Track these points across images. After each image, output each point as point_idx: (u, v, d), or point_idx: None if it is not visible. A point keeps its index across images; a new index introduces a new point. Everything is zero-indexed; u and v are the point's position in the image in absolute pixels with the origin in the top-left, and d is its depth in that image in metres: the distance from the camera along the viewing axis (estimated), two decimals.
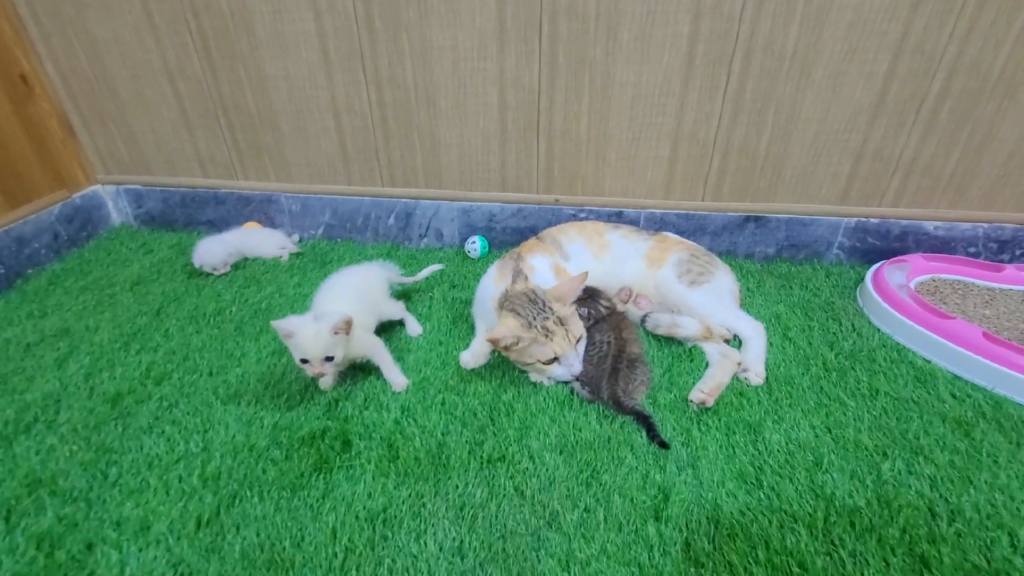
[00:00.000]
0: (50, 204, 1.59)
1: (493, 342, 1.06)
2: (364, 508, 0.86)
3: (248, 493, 0.89)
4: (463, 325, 1.32)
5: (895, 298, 1.26)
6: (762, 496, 0.87)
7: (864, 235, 1.50)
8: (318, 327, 0.98)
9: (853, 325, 1.29)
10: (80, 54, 1.52)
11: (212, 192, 1.70)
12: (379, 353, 1.12)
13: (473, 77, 1.40)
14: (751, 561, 0.77)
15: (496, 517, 0.84)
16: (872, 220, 1.48)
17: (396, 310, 1.28)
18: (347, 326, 1.01)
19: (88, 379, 1.14)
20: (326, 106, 1.50)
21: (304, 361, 0.99)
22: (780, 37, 1.26)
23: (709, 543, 0.80)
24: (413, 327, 1.29)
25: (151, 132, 1.62)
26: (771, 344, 1.21)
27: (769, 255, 1.57)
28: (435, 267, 1.43)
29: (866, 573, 0.76)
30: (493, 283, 1.24)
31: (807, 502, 0.86)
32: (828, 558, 0.78)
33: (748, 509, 0.85)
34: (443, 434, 1.00)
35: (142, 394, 1.10)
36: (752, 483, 0.89)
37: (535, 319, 1.07)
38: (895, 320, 1.24)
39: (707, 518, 0.84)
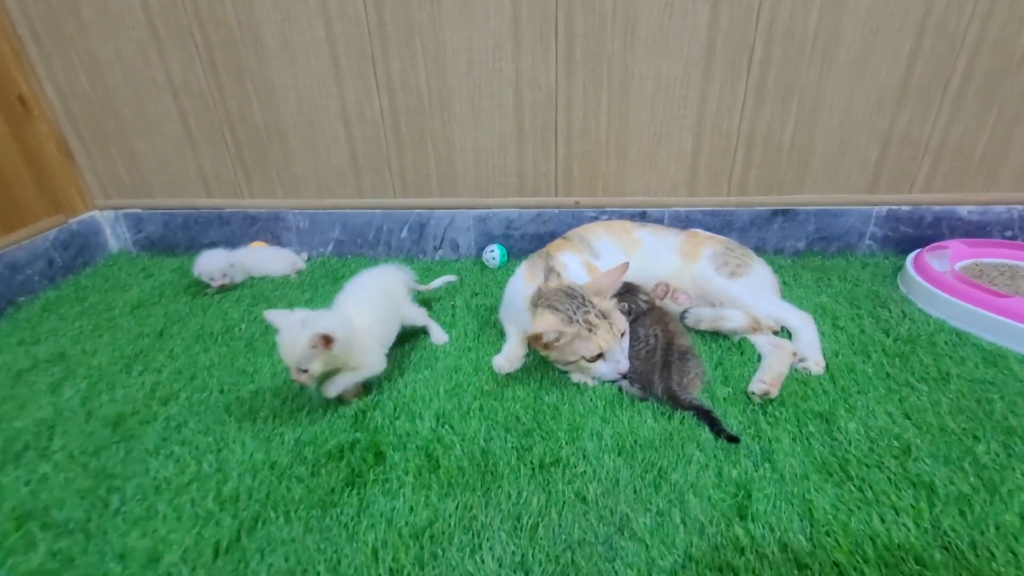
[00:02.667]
0: (45, 229, 1.51)
1: (534, 339, 0.98)
2: (407, 524, 0.75)
3: (272, 514, 0.78)
4: (491, 331, 1.23)
5: (946, 282, 1.20)
6: (852, 488, 0.78)
7: (896, 223, 1.46)
8: (296, 335, 0.89)
9: (903, 312, 1.22)
10: (81, 74, 1.47)
11: (216, 212, 1.64)
12: (356, 375, 0.97)
13: (488, 79, 1.37)
14: (859, 560, 0.67)
15: (559, 526, 0.74)
16: (904, 208, 1.44)
17: (419, 315, 1.19)
18: (324, 342, 0.89)
19: (85, 403, 1.03)
20: (336, 115, 1.46)
21: None
22: (800, 22, 1.25)
23: (807, 541, 0.70)
24: (438, 335, 1.20)
25: (153, 152, 1.57)
26: (822, 334, 1.14)
27: (799, 249, 1.52)
28: (449, 278, 1.34)
29: (994, 566, 0.66)
30: (523, 282, 1.16)
31: (905, 492, 0.76)
32: (946, 552, 0.68)
33: (841, 502, 0.75)
34: (486, 440, 0.90)
35: (146, 415, 0.99)
36: (838, 475, 0.80)
37: (575, 313, 0.99)
38: (948, 304, 1.18)
39: (798, 514, 0.74)
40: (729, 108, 1.35)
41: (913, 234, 1.46)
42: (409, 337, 1.20)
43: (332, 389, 0.95)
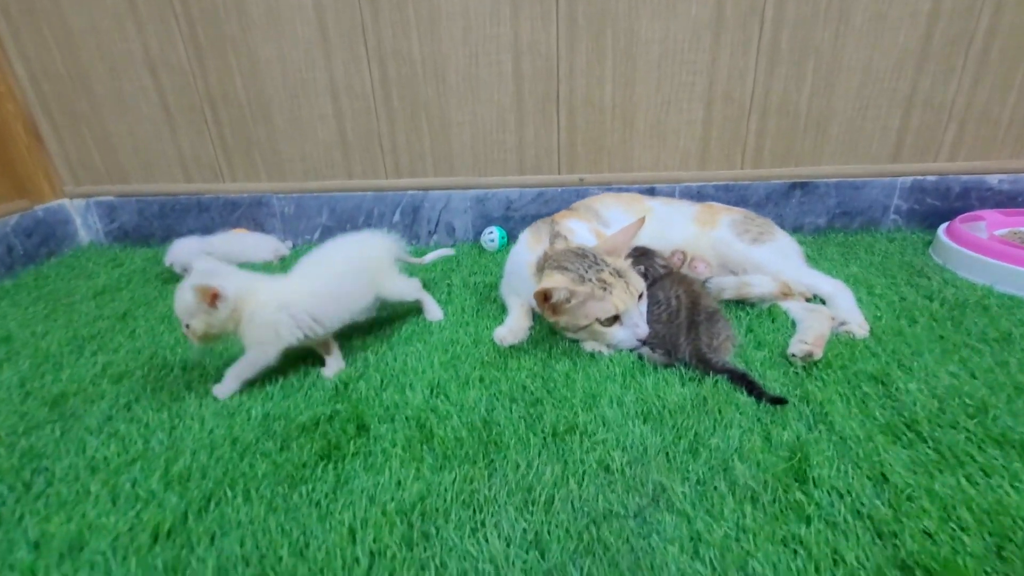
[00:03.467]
0: (5, 214, 1.39)
1: (540, 299, 0.86)
2: (393, 500, 0.61)
3: (228, 493, 0.64)
4: (491, 307, 1.11)
5: (989, 246, 1.10)
6: (928, 450, 0.65)
7: (922, 195, 1.36)
8: (184, 284, 0.78)
9: (944, 279, 1.11)
10: (53, 49, 1.39)
11: (195, 198, 1.53)
12: (246, 361, 0.83)
13: (485, 45, 1.30)
14: (956, 528, 0.54)
15: (580, 498, 0.60)
16: (929, 178, 1.35)
17: (408, 289, 1.05)
18: (209, 298, 0.77)
19: (24, 384, 0.89)
20: (324, 88, 1.37)
21: None
22: None
23: (886, 507, 0.57)
24: (433, 311, 1.07)
25: (128, 133, 1.47)
26: (859, 301, 1.02)
27: (820, 226, 1.42)
28: (445, 251, 1.21)
29: None
30: (527, 248, 1.05)
31: (992, 451, 0.64)
32: None
33: (918, 464, 0.62)
34: (488, 410, 0.77)
35: (93, 394, 0.86)
36: (907, 436, 0.67)
37: (587, 272, 0.87)
38: (995, 268, 1.07)
39: (868, 478, 0.61)
40: (741, 73, 1.28)
41: (941, 207, 1.36)
42: (401, 313, 1.08)
43: (220, 390, 0.83)
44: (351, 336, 1.00)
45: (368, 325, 1.04)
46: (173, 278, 1.32)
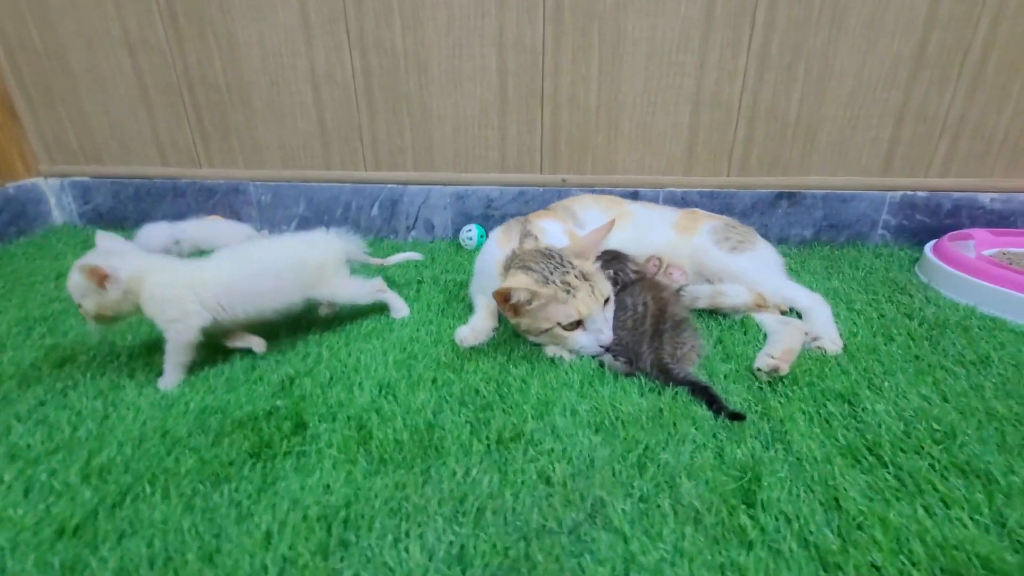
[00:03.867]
0: None
1: (500, 299, 0.83)
2: (317, 504, 0.58)
3: (147, 489, 0.60)
4: (458, 305, 1.08)
5: (975, 266, 1.06)
6: (887, 476, 0.61)
7: (911, 211, 1.33)
8: (75, 263, 0.76)
9: (926, 298, 1.07)
10: (30, 24, 1.36)
11: (171, 183, 1.50)
12: (169, 345, 0.80)
13: (469, 37, 1.26)
14: (906, 562, 0.51)
15: (513, 511, 0.57)
16: (920, 193, 1.31)
17: (360, 292, 0.99)
18: (96, 277, 0.75)
19: None
20: (304, 76, 1.34)
21: None
22: None
23: (835, 536, 0.53)
24: (398, 307, 1.04)
25: (105, 113, 1.44)
26: (837, 316, 0.99)
27: (806, 238, 1.38)
28: (412, 255, 1.15)
29: None
30: (496, 246, 1.02)
31: (956, 481, 0.60)
32: (1019, 555, 0.51)
33: (875, 491, 0.59)
34: (434, 413, 0.73)
35: (31, 377, 0.83)
36: (868, 460, 0.64)
37: (552, 273, 0.84)
38: (979, 289, 1.04)
39: (820, 503, 0.57)
40: (730, 76, 1.24)
41: (930, 223, 1.33)
42: (364, 308, 1.05)
43: (163, 381, 0.81)
44: (309, 329, 0.97)
45: (330, 320, 1.02)
46: None
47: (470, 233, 1.40)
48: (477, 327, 0.94)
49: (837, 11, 1.16)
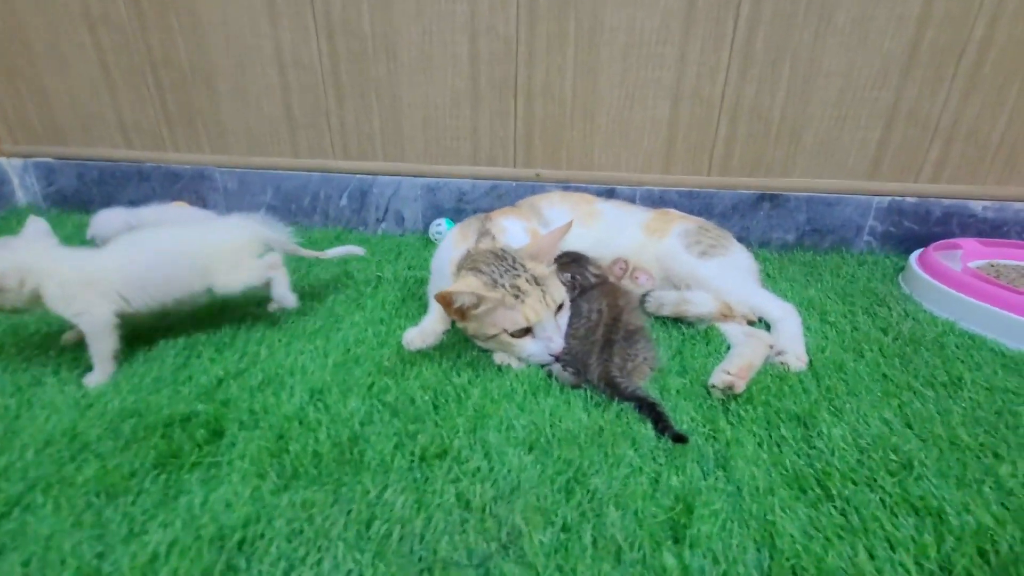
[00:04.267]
0: None
1: (443, 300, 0.78)
2: (214, 523, 0.54)
3: (39, 499, 0.57)
4: (414, 304, 1.03)
5: (958, 279, 1.01)
6: (832, 511, 0.57)
7: (899, 218, 1.27)
8: None
9: (905, 311, 1.02)
10: None
11: (135, 167, 1.45)
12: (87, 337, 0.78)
13: (440, 22, 1.20)
14: None
15: (423, 538, 0.53)
16: (908, 199, 1.25)
17: (252, 276, 0.89)
18: None
19: None
20: (270, 59, 1.29)
21: None
22: None
23: None
24: (282, 294, 0.91)
25: (66, 92, 1.39)
26: (807, 328, 0.94)
27: (788, 242, 1.33)
28: (355, 249, 1.06)
29: None
30: (452, 245, 0.98)
31: (904, 520, 0.56)
32: None
33: (816, 529, 0.55)
34: (362, 424, 0.69)
35: None
36: (814, 491, 0.59)
37: (502, 277, 0.79)
38: (961, 303, 0.98)
39: (754, 541, 0.53)
40: (712, 71, 1.18)
41: (919, 231, 1.27)
42: (307, 299, 1.01)
43: (91, 378, 0.78)
44: (252, 326, 0.93)
45: (277, 317, 0.97)
46: None
47: (440, 227, 1.36)
48: (426, 329, 0.90)
49: (825, 6, 1.10)
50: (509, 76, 1.24)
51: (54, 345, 0.86)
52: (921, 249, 1.18)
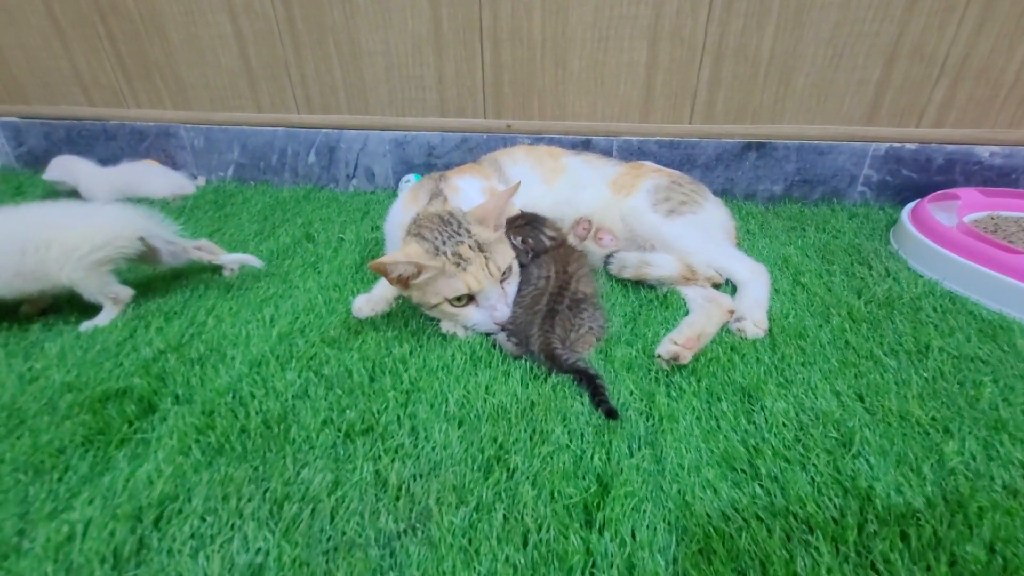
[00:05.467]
0: None
1: (380, 269, 0.75)
2: (132, 500, 0.55)
3: None
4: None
5: (945, 234, 0.94)
6: (758, 490, 0.55)
7: (897, 166, 1.18)
8: None
9: (887, 269, 0.96)
10: None
11: (100, 125, 1.42)
12: None
13: None
14: None
15: (333, 519, 0.53)
16: (908, 146, 1.15)
17: (92, 287, 0.82)
18: None
19: None
20: (219, 5, 1.21)
21: None
22: None
23: (668, 564, 0.48)
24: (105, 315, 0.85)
25: (19, 47, 1.34)
26: (776, 291, 0.90)
27: (775, 194, 1.25)
28: (252, 261, 0.95)
29: None
30: (403, 208, 0.94)
31: (830, 501, 0.54)
32: None
33: (736, 510, 0.53)
34: (296, 398, 0.69)
35: None
36: (743, 471, 0.58)
37: (445, 243, 0.76)
38: (945, 260, 0.92)
39: (667, 522, 0.52)
40: (693, 6, 1.07)
41: (918, 180, 1.18)
42: (267, 265, 0.99)
43: None
44: (204, 294, 0.92)
45: (230, 283, 0.96)
46: None
47: (409, 183, 1.31)
48: (375, 296, 0.88)
49: None
50: (473, 17, 1.14)
51: (5, 316, 0.87)
52: (916, 202, 1.10)
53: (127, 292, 0.87)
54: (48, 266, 0.78)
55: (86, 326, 0.83)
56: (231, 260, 0.95)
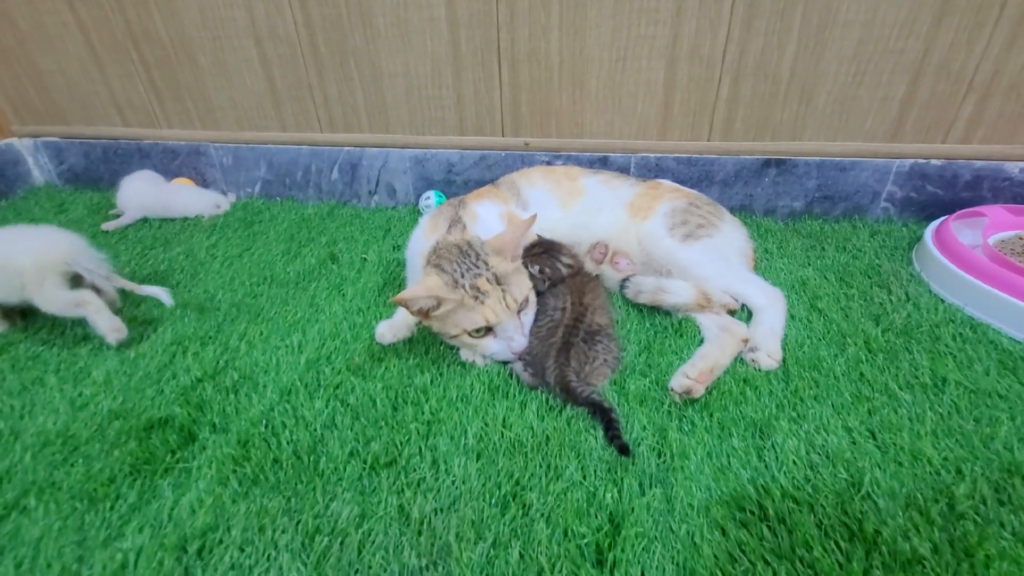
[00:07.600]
0: None
1: (401, 304, 0.78)
2: (177, 529, 0.60)
3: (34, 503, 0.64)
4: (394, 290, 1.04)
5: (968, 257, 0.93)
6: (766, 532, 0.57)
7: (922, 182, 1.16)
8: None
9: (907, 294, 0.96)
10: None
11: (135, 144, 1.48)
12: None
13: None
14: None
15: (359, 553, 0.57)
16: (934, 162, 1.13)
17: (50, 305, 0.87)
18: None
19: None
20: (245, 30, 1.24)
21: None
22: None
23: None
24: (106, 327, 0.88)
25: (59, 72, 1.40)
26: (792, 317, 0.90)
27: (796, 210, 1.24)
28: (164, 297, 0.94)
29: None
30: (423, 235, 0.96)
31: (836, 545, 0.55)
32: None
33: (743, 552, 0.55)
34: (325, 428, 0.73)
35: None
36: (753, 512, 0.59)
37: (463, 276, 0.79)
38: (967, 285, 0.91)
39: (676, 563, 0.55)
40: (712, 25, 1.06)
41: (943, 196, 1.16)
42: (292, 288, 1.03)
43: None
44: (236, 318, 0.97)
45: (261, 305, 1.01)
46: (102, 234, 1.31)
47: (429, 200, 1.34)
48: (397, 323, 0.91)
49: None
50: (491, 39, 1.16)
51: (57, 342, 0.93)
52: (940, 220, 1.08)
53: (87, 295, 0.88)
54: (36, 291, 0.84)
55: (111, 339, 0.87)
56: (146, 292, 0.94)
